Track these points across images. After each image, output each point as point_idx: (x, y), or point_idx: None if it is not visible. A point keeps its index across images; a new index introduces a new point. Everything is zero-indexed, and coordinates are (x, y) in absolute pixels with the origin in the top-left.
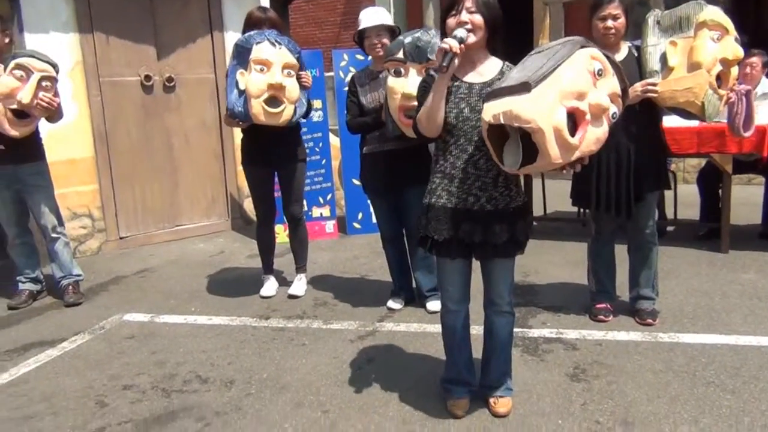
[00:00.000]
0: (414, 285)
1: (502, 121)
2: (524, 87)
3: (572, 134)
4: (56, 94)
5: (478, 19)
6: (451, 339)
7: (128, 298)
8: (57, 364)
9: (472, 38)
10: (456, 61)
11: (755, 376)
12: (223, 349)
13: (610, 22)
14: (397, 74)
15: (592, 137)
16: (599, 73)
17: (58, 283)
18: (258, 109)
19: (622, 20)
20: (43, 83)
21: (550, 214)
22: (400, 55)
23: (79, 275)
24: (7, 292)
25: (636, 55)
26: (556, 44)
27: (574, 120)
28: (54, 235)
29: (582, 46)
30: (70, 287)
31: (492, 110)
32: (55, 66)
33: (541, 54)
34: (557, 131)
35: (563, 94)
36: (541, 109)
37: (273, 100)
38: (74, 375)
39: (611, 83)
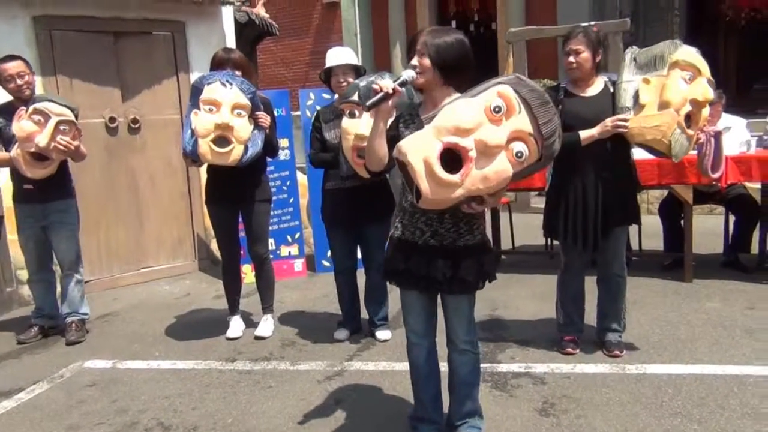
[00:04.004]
0: (363, 316)
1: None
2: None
3: (457, 171)
4: (75, 137)
5: (425, 61)
6: (415, 374)
7: (90, 344)
8: (12, 416)
9: (420, 79)
10: (390, 102)
11: (721, 405)
12: (187, 395)
13: (571, 58)
14: (352, 116)
15: (478, 174)
16: (496, 110)
17: (64, 319)
18: (205, 149)
19: (584, 55)
20: (61, 127)
21: (518, 248)
22: (355, 97)
23: (85, 314)
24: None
25: (611, 90)
26: (487, 81)
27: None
28: (68, 271)
29: (500, 83)
30: (74, 325)
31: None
32: (73, 110)
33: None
34: (427, 165)
35: (439, 130)
36: (414, 144)
37: (221, 140)
38: (30, 427)
39: (518, 122)
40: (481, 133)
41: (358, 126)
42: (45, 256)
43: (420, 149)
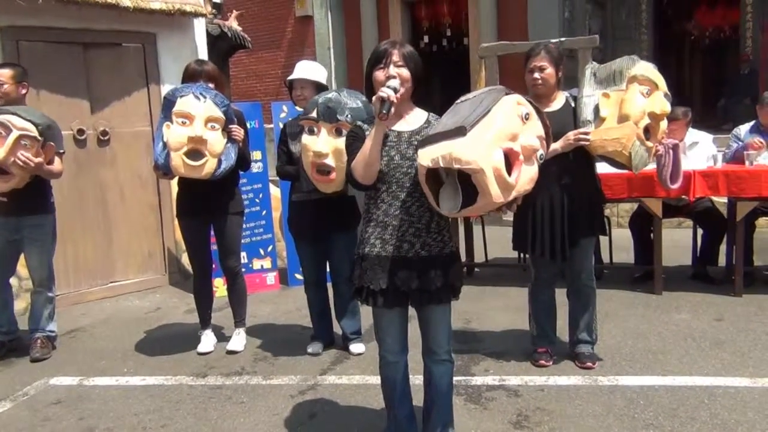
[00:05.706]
0: (335, 329)
1: (442, 165)
2: (459, 131)
3: (508, 174)
4: (38, 153)
5: (405, 72)
6: (391, 392)
7: (56, 360)
8: None
9: (401, 89)
10: (393, 109)
11: (691, 416)
12: (157, 412)
13: (536, 74)
14: (311, 132)
15: (526, 177)
16: (526, 117)
17: (30, 334)
18: (178, 162)
19: (548, 71)
20: (22, 142)
21: (490, 261)
22: (314, 114)
23: (52, 331)
24: None
25: (573, 105)
26: (481, 92)
27: (508, 161)
28: (39, 288)
29: (506, 93)
30: (39, 341)
31: (429, 155)
32: (38, 125)
33: (468, 102)
34: (497, 171)
35: (498, 136)
36: (480, 151)
37: (194, 153)
38: None
39: (537, 126)
40: (523, 139)
41: (316, 143)
42: (6, 271)
43: (486, 157)
